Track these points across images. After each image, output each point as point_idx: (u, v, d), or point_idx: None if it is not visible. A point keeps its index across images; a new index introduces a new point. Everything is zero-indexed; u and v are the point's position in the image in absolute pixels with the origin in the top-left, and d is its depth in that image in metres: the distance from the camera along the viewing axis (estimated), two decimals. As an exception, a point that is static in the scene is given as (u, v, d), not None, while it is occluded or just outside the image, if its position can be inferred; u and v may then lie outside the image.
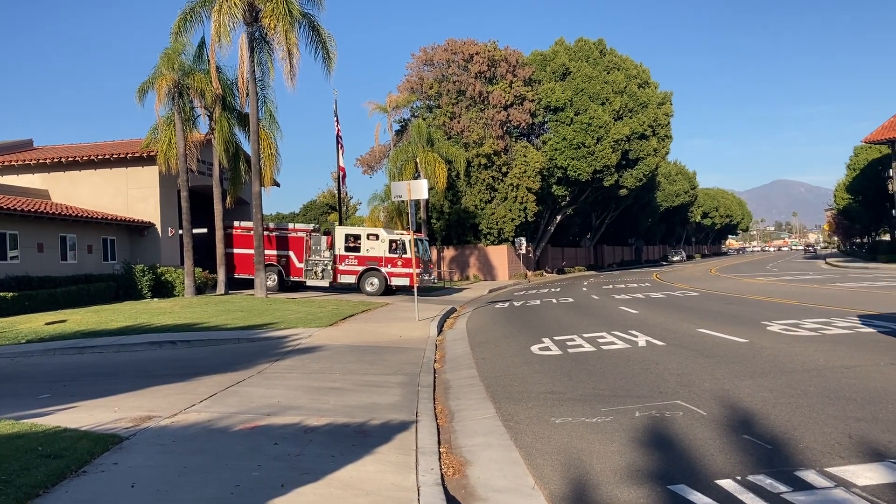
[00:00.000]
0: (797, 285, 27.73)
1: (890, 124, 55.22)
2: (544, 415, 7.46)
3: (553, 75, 53.12)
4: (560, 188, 54.23)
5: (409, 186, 18.66)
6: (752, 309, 18.01)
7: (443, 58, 50.36)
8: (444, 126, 48.52)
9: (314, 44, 27.01)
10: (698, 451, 5.74)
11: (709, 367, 9.58)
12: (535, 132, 55.04)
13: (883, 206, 65.75)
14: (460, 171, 45.22)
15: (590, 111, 50.80)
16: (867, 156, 72.85)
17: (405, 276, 30.06)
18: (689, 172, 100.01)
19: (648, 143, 54.86)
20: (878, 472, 4.91)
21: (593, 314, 19.27)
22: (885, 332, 11.94)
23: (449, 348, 14.22)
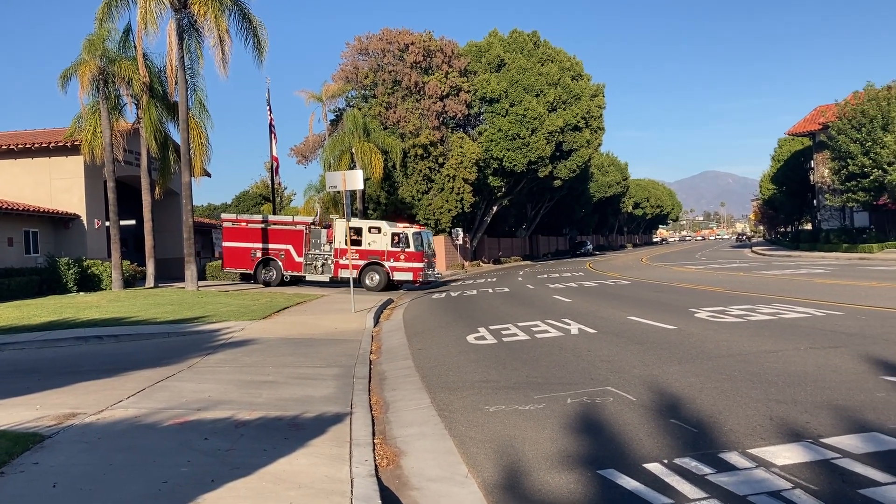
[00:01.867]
0: (724, 273, 28.59)
1: (811, 117, 57.33)
2: (479, 403, 7.52)
3: (488, 66, 53.36)
4: (496, 179, 54.59)
5: (345, 177, 18.51)
6: (680, 297, 18.49)
7: (378, 47, 50.03)
8: (380, 116, 48.25)
9: (245, 31, 26.47)
10: (627, 436, 5.87)
11: (638, 354, 9.80)
12: (471, 123, 55.20)
13: (805, 196, 68.30)
14: (396, 162, 45.07)
15: (525, 103, 51.23)
16: (790, 148, 75.54)
17: (408, 271, 29.04)
18: (621, 164, 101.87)
19: (581, 135, 55.64)
20: (795, 452, 5.10)
21: (528, 303, 19.49)
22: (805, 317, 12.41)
23: (385, 339, 14.19)
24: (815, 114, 56.11)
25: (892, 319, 11.60)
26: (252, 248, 30.75)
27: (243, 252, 30.86)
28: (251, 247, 30.74)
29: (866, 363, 8.07)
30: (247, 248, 30.79)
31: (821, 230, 54.99)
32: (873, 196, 41.43)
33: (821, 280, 21.71)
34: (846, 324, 11.35)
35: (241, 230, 31.16)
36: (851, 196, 42.50)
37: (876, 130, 39.38)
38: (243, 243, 30.81)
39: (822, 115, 52.49)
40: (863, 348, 9.00)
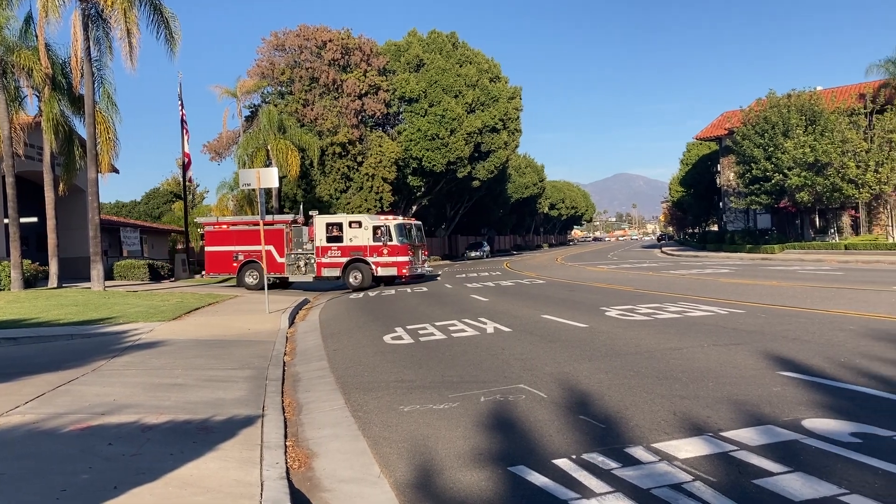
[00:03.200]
0: (635, 273, 29.44)
1: (718, 123, 59.62)
2: (393, 403, 7.52)
3: (407, 66, 53.38)
4: (415, 179, 54.66)
5: (259, 174, 18.18)
6: (592, 296, 18.94)
7: (295, 43, 49.32)
8: (297, 113, 47.58)
9: (156, 23, 25.66)
10: (538, 433, 5.98)
11: (551, 352, 10.00)
12: (390, 122, 55.09)
13: (712, 198, 70.96)
14: (314, 160, 44.52)
15: (443, 103, 51.47)
16: (698, 152, 78.44)
17: (392, 266, 28.02)
18: (538, 165, 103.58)
19: (499, 137, 56.29)
20: (697, 446, 5.30)
21: (446, 303, 19.59)
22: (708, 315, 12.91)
23: (300, 340, 14.02)
24: (722, 119, 58.37)
25: (789, 317, 12.19)
26: (234, 252, 29.54)
27: (225, 256, 29.65)
28: (232, 250, 29.55)
29: (764, 359, 8.46)
30: (228, 252, 29.61)
31: (726, 231, 57.29)
32: (775, 199, 43.42)
33: (725, 279, 22.61)
34: (747, 322, 11.86)
35: (221, 233, 29.94)
36: (755, 199, 44.41)
37: (777, 136, 41.27)
38: (224, 247, 29.62)
39: (728, 120, 54.66)
40: (762, 345, 9.42)
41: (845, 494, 4.21)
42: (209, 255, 30.24)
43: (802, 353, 8.64)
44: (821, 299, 14.84)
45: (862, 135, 39.06)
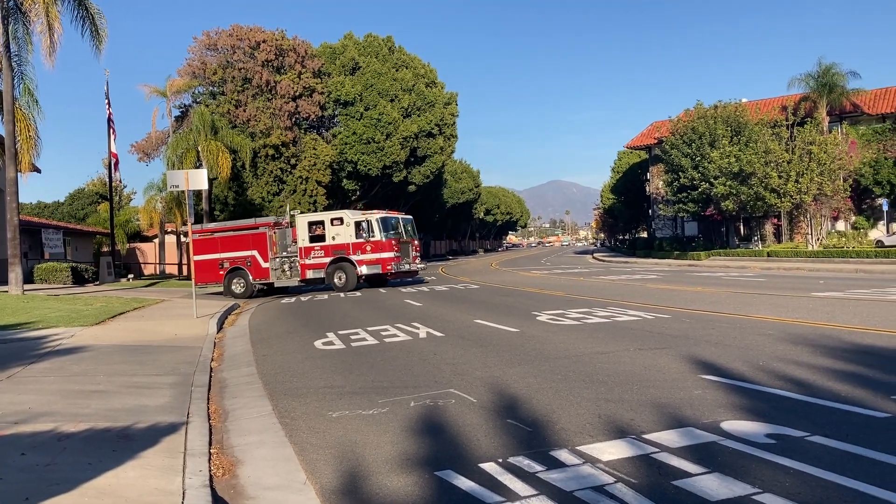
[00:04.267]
0: (566, 278, 29.89)
1: (648, 132, 61.10)
2: (322, 409, 7.45)
3: (343, 69, 53.07)
4: (351, 182, 54.34)
5: (188, 176, 17.79)
6: (525, 300, 19.14)
7: (228, 43, 48.49)
8: (229, 114, 46.78)
9: (81, 19, 24.89)
10: (466, 437, 6.01)
11: (482, 356, 10.06)
12: (325, 125, 54.66)
13: (642, 205, 72.62)
14: (246, 162, 43.81)
15: (379, 107, 51.34)
16: (629, 160, 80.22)
17: (376, 263, 26.26)
18: (474, 171, 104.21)
19: (435, 142, 56.45)
20: (620, 448, 5.41)
21: (379, 307, 19.52)
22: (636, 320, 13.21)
23: (228, 346, 13.76)
24: (651, 129, 59.84)
25: (713, 322, 12.56)
26: (220, 259, 28.37)
27: (211, 264, 28.41)
28: (218, 258, 28.38)
29: (688, 363, 8.69)
30: (214, 260, 28.40)
31: (655, 238, 58.72)
32: (701, 207, 44.71)
33: (653, 285, 23.15)
34: (672, 326, 12.17)
35: (207, 241, 28.75)
36: (682, 207, 45.64)
37: (704, 146, 42.52)
38: (210, 255, 28.44)
39: (657, 130, 56.06)
40: (686, 349, 9.68)
41: (759, 493, 4.35)
42: (197, 265, 28.99)
43: (724, 357, 8.91)
44: (743, 305, 15.33)
45: (784, 146, 40.56)
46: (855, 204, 47.42)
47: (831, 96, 45.31)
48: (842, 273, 26.23)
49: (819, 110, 45.78)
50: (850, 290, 17.62)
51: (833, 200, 41.11)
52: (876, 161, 47.09)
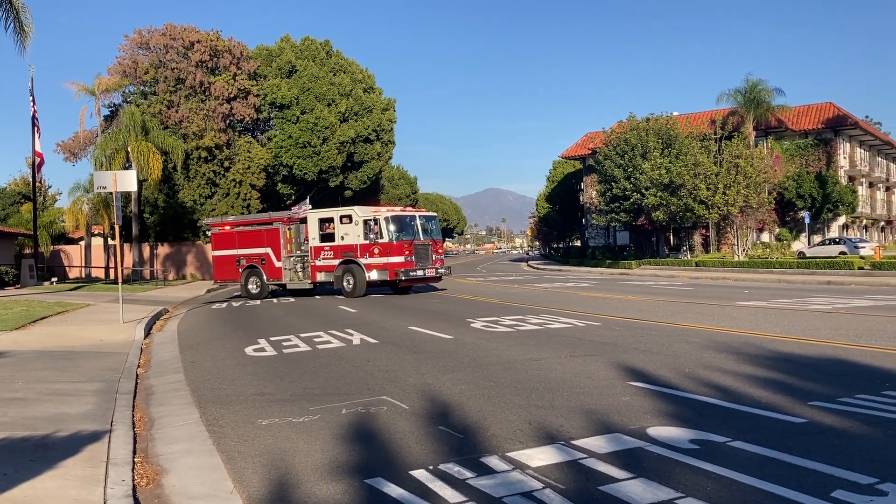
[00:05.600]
0: (501, 286, 30.14)
1: (582, 142, 62.23)
2: (251, 417, 7.32)
3: (279, 72, 52.47)
4: (286, 187, 53.72)
5: (116, 177, 17.28)
6: (460, 307, 19.21)
7: (160, 42, 47.42)
8: (161, 115, 45.73)
9: (5, 13, 23.99)
10: (397, 444, 5.99)
11: (415, 363, 10.06)
12: (260, 128, 53.95)
13: (575, 214, 73.86)
14: (178, 164, 42.89)
15: (316, 111, 50.91)
16: (564, 170, 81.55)
17: (383, 268, 23.25)
18: (411, 178, 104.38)
19: (373, 147, 56.25)
20: (549, 454, 5.47)
21: (313, 313, 19.32)
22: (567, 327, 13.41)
23: (156, 352, 13.42)
24: (586, 139, 60.99)
25: (642, 330, 12.83)
26: (237, 256, 26.92)
27: (229, 260, 27.03)
28: (236, 254, 26.95)
29: (617, 370, 8.86)
30: (232, 256, 27.00)
31: (588, 247, 59.79)
32: (633, 217, 45.73)
33: (585, 293, 23.54)
34: (603, 334, 12.39)
35: (225, 235, 27.40)
36: (615, 216, 46.60)
37: (636, 158, 43.51)
38: (228, 251, 27.11)
39: (591, 141, 57.16)
40: (615, 356, 9.87)
41: (681, 498, 4.46)
42: (216, 261, 27.82)
43: (651, 364, 9.11)
44: (671, 313, 15.72)
45: (712, 159, 41.81)
46: (779, 216, 49.25)
47: (758, 112, 47.01)
48: (766, 283, 27.16)
49: (746, 125, 47.42)
50: (774, 300, 18.25)
51: (758, 213, 42.56)
52: (799, 175, 49.05)
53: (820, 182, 48.45)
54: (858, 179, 57.02)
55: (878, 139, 60.46)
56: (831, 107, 53.28)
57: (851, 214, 53.50)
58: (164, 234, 48.68)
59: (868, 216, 59.66)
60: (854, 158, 55.84)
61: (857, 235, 53.70)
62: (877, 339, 10.60)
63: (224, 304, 24.75)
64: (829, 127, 51.81)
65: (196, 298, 28.95)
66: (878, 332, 11.41)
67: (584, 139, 61.83)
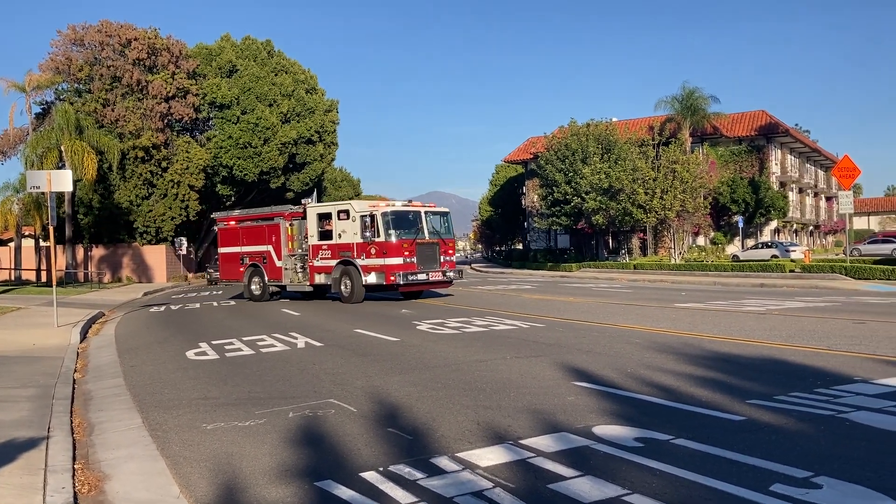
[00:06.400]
0: (445, 288, 30.19)
1: (524, 147, 62.86)
2: (196, 422, 7.21)
3: (219, 71, 51.61)
4: (225, 188, 52.86)
5: (50, 177, 16.76)
6: (405, 310, 19.20)
7: (96, 39, 46.14)
8: (97, 113, 44.50)
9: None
10: (346, 447, 5.98)
11: (362, 366, 10.03)
12: (199, 128, 52.98)
13: (518, 218, 74.49)
14: (114, 164, 41.80)
15: (257, 111, 50.22)
16: (506, 174, 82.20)
17: (379, 270, 20.68)
18: (354, 180, 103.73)
19: (315, 149, 55.77)
20: (498, 454, 5.54)
21: (255, 317, 19.08)
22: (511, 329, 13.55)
23: (93, 356, 13.06)
24: (528, 144, 61.62)
25: (584, 331, 13.05)
26: (241, 253, 25.22)
27: (234, 258, 25.39)
28: (239, 251, 25.26)
29: (561, 370, 9.00)
30: (236, 254, 25.33)
31: (530, 250, 60.42)
32: (573, 221, 46.40)
33: (528, 295, 23.80)
34: (547, 335, 12.56)
35: (230, 230, 25.66)
36: (556, 220, 47.22)
37: (577, 163, 44.19)
38: (233, 247, 25.48)
39: (533, 145, 57.78)
40: (559, 357, 10.02)
41: (628, 494, 4.57)
42: (221, 258, 26.15)
43: (595, 365, 9.28)
44: (612, 314, 16.02)
45: (650, 164, 42.70)
46: (714, 220, 50.62)
47: (694, 118, 48.25)
48: (702, 285, 27.88)
49: (683, 131, 48.61)
50: (710, 302, 18.75)
51: (694, 217, 43.62)
52: (733, 181, 50.52)
53: (753, 187, 49.98)
54: (789, 185, 58.98)
55: (808, 146, 62.68)
56: (764, 115, 55.02)
57: (783, 219, 55.30)
58: (99, 235, 47.35)
59: (798, 220, 61.78)
60: (785, 165, 57.75)
61: (788, 239, 55.58)
62: (808, 339, 11.00)
63: (162, 307, 24.22)
64: (762, 134, 53.50)
65: (133, 301, 28.27)
66: (810, 333, 11.85)
67: (527, 144, 62.47)
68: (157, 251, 47.61)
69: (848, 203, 29.18)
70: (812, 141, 67.91)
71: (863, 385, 7.47)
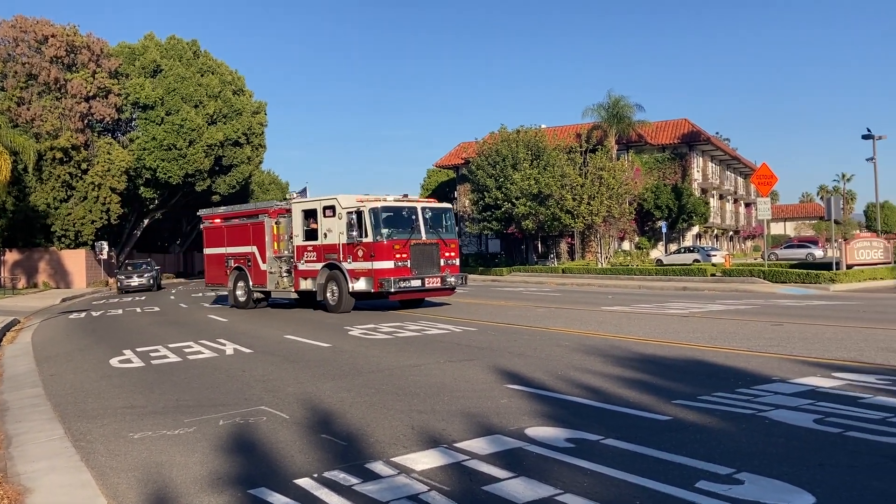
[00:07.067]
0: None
1: (456, 152, 63.23)
2: (122, 431, 7.01)
3: (143, 71, 50.24)
4: (149, 190, 51.47)
5: (-37, 178, 16.01)
6: (336, 315, 19.06)
7: (10, 35, 44.30)
8: (10, 112, 42.64)
9: None
10: (280, 454, 5.91)
11: (293, 372, 9.93)
12: (122, 129, 51.45)
13: (448, 223, 74.74)
14: (29, 165, 40.04)
15: (182, 112, 49.06)
16: (438, 178, 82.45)
17: (367, 275, 18.08)
18: (283, 183, 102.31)
19: (243, 151, 54.83)
20: (433, 457, 5.57)
21: (182, 323, 18.64)
22: (445, 332, 13.62)
23: (8, 365, 12.55)
24: (459, 149, 62.03)
25: (515, 334, 13.22)
26: (225, 255, 22.97)
27: (219, 261, 23.22)
28: (224, 252, 23.06)
29: (494, 374, 9.10)
30: (221, 255, 23.13)
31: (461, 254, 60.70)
32: (504, 226, 46.90)
33: (460, 299, 23.88)
34: (479, 339, 12.67)
35: (215, 229, 23.52)
36: (487, 225, 47.66)
37: (507, 168, 44.69)
38: (218, 248, 23.36)
39: (464, 150, 58.19)
40: (492, 360, 10.12)
41: (561, 494, 4.66)
42: (207, 260, 24.00)
43: (526, 367, 9.42)
44: (542, 318, 16.27)
45: (578, 171, 43.52)
46: (639, 226, 51.98)
47: (620, 126, 49.46)
48: (627, 289, 28.57)
49: (609, 139, 49.73)
50: (636, 305, 19.24)
51: (620, 222, 44.65)
52: (657, 187, 51.97)
53: (676, 194, 51.51)
54: (710, 192, 60.97)
55: (728, 154, 64.96)
56: (686, 123, 56.76)
57: (704, 224, 57.15)
58: (13, 239, 45.41)
59: (719, 226, 63.93)
60: (706, 172, 59.70)
61: (710, 244, 57.45)
62: (729, 341, 11.42)
63: (83, 314, 23.42)
64: (685, 142, 55.20)
65: (51, 308, 27.24)
66: (731, 335, 12.29)
67: (458, 149, 62.87)
68: (76, 256, 45.98)
69: (766, 209, 30.39)
70: (732, 149, 70.35)
71: (781, 384, 7.80)
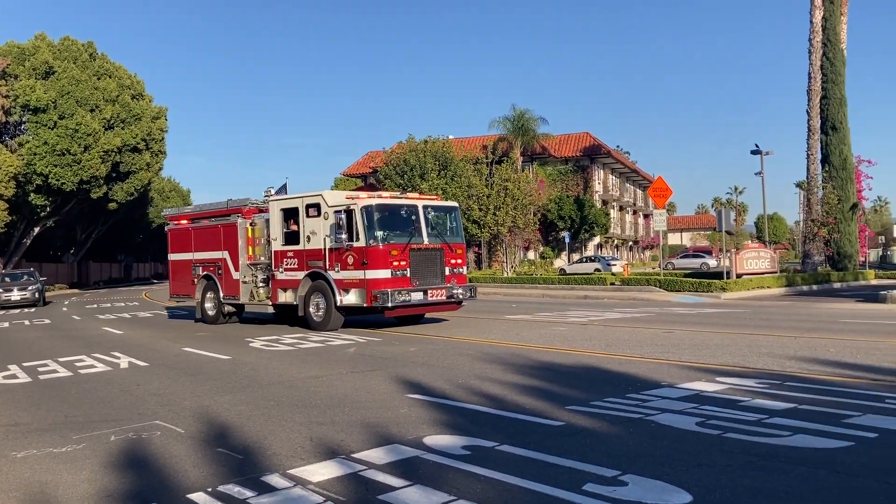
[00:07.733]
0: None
1: (364, 161, 63.17)
2: (4, 450, 6.70)
3: (34, 72, 47.97)
4: (40, 197, 49.08)
5: None
6: (238, 327, 18.70)
7: None
8: None
9: None
10: (174, 469, 5.80)
11: (190, 386, 9.72)
12: (10, 132, 48.93)
13: (355, 232, 74.34)
14: None
15: (77, 116, 47.11)
16: (346, 187, 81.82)
17: (357, 286, 15.43)
18: (184, 190, 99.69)
19: (142, 157, 53.14)
20: (330, 468, 5.59)
21: (73, 336, 17.90)
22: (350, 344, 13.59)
23: None
24: (367, 158, 61.98)
25: (419, 344, 13.32)
26: (192, 261, 19.99)
27: (185, 268, 20.30)
28: (191, 258, 20.09)
29: (396, 384, 9.17)
30: (187, 262, 20.21)
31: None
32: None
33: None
34: (384, 349, 12.71)
35: (182, 232, 20.63)
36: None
37: (415, 178, 44.93)
38: (184, 254, 20.42)
39: (372, 159, 58.16)
40: (395, 370, 10.19)
41: (454, 501, 4.77)
42: (172, 268, 21.12)
43: (429, 377, 9.53)
44: (447, 327, 16.44)
45: (484, 181, 44.24)
46: (543, 236, 53.17)
47: (525, 139, 50.58)
48: (531, 297, 29.17)
49: (514, 151, 50.78)
50: (538, 313, 19.69)
51: (525, 232, 45.59)
52: (560, 199, 53.34)
53: (578, 205, 53.01)
54: (611, 203, 63.02)
55: (627, 167, 67.34)
56: (588, 136, 58.55)
57: (605, 235, 59.01)
58: None
59: (619, 236, 66.12)
60: (607, 184, 61.70)
61: (610, 254, 59.34)
62: (623, 348, 11.86)
63: (-35, 327, 22.13)
64: (586, 155, 56.91)
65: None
66: (625, 342, 12.77)
67: (366, 158, 62.81)
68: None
69: (662, 220, 31.63)
70: (632, 162, 72.97)
71: (668, 389, 8.19)
